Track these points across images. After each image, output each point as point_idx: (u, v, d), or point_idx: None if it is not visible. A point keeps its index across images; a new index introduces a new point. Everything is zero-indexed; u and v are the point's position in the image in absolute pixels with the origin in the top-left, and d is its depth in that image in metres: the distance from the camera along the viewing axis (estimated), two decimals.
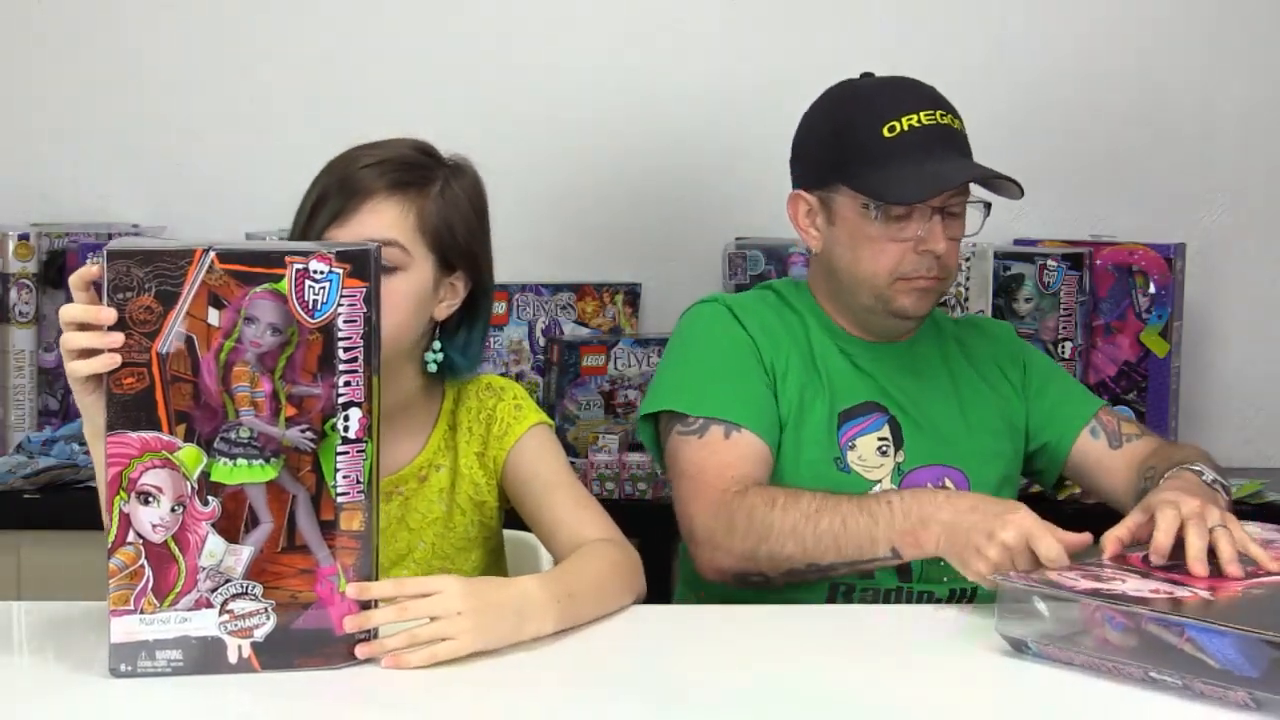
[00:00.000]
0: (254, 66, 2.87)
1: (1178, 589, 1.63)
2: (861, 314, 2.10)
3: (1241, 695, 1.47)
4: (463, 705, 1.53)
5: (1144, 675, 1.54)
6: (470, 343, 1.95)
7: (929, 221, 2.02)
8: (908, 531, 1.84)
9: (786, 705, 1.53)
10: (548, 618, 1.66)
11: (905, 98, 2.04)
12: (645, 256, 2.94)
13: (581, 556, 1.81)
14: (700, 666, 1.65)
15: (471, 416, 1.96)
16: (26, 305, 2.63)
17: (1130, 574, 1.68)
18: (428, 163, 1.91)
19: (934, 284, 2.05)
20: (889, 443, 2.07)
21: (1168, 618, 1.54)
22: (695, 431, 2.01)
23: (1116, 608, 1.58)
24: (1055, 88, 2.95)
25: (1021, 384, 2.18)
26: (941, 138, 2.03)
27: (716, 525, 1.94)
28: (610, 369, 2.72)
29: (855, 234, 2.05)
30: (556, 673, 1.61)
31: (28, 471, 2.45)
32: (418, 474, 1.93)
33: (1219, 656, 1.49)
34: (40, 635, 1.68)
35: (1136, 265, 2.77)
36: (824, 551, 1.88)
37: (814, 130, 2.11)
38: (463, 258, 1.91)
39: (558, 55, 2.90)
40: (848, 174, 2.04)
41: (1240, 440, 3.00)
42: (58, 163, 2.85)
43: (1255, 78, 2.99)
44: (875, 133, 2.02)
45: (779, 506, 1.90)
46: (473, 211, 1.93)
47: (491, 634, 1.60)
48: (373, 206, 1.85)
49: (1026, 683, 1.60)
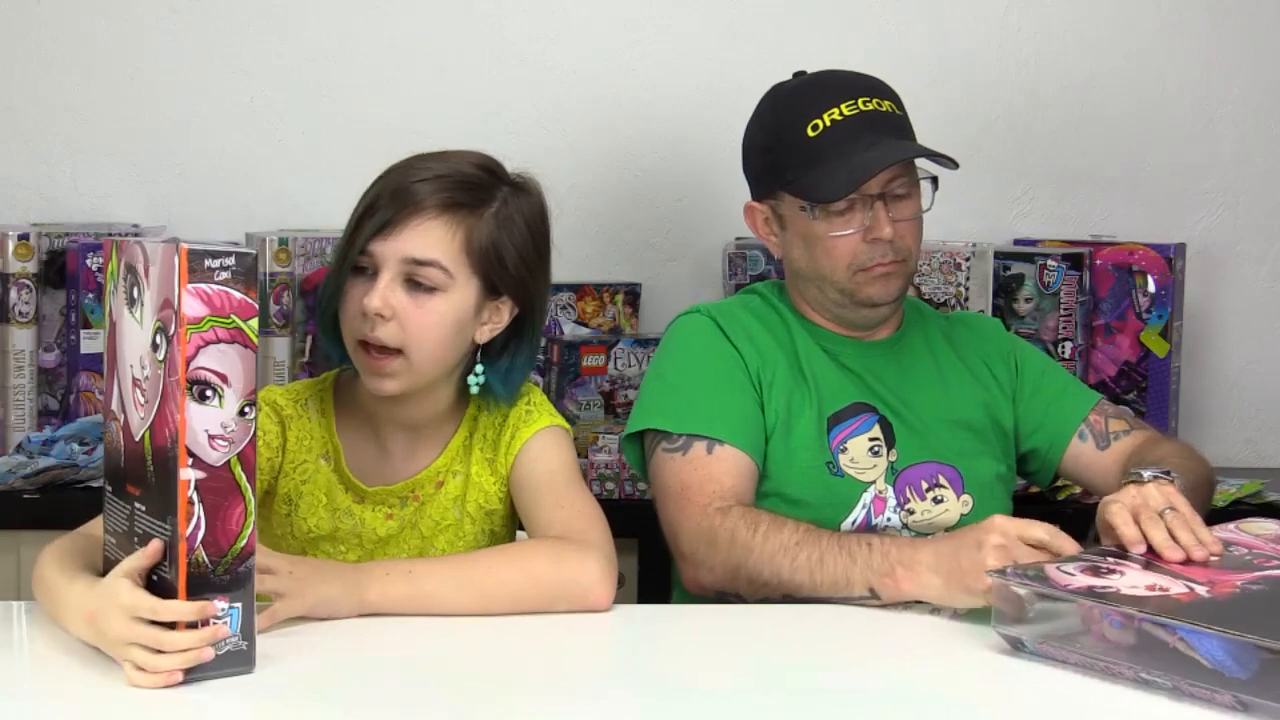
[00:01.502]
0: (254, 66, 2.87)
1: (1175, 584, 1.63)
2: (835, 309, 2.10)
3: (1228, 698, 1.47)
4: (454, 703, 1.53)
5: (1135, 676, 1.54)
6: (513, 369, 1.93)
7: (871, 210, 2.02)
8: (887, 573, 1.81)
9: (785, 704, 1.53)
10: (389, 586, 1.70)
11: (826, 92, 2.04)
12: (645, 256, 2.94)
13: (502, 551, 1.84)
14: (696, 665, 1.65)
15: (487, 423, 1.95)
16: (26, 305, 2.62)
17: (1131, 565, 1.68)
18: (487, 181, 1.88)
19: (894, 268, 2.05)
20: (880, 443, 2.07)
21: (1159, 619, 1.54)
22: (679, 449, 2.01)
23: (1107, 607, 1.58)
24: (1055, 87, 2.95)
25: (1011, 385, 2.18)
26: (867, 125, 2.02)
27: (699, 541, 1.94)
28: (610, 369, 2.72)
29: (805, 236, 2.06)
30: (545, 669, 1.61)
31: (28, 471, 2.45)
32: (434, 480, 1.93)
33: (1209, 658, 1.49)
34: (40, 635, 1.68)
35: (1136, 265, 2.77)
36: (799, 584, 1.86)
37: (752, 141, 2.13)
38: (511, 283, 1.88)
39: (558, 55, 2.90)
40: (784, 179, 2.05)
41: (1240, 440, 3.00)
42: (58, 163, 2.85)
43: (1255, 78, 2.98)
44: (800, 134, 2.03)
45: (760, 533, 1.90)
46: (529, 236, 1.89)
47: (323, 590, 1.67)
48: (419, 223, 1.83)
49: (1022, 682, 1.60)
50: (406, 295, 1.83)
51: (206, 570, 1.46)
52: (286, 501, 1.91)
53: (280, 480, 1.91)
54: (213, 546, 1.46)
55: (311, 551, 1.91)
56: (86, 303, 2.62)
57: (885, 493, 2.06)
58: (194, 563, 1.46)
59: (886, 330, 2.15)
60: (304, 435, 1.92)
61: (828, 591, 1.85)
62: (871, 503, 2.05)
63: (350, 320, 1.85)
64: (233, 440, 1.45)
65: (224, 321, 1.44)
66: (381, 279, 1.82)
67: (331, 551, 1.91)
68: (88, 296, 2.62)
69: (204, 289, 1.43)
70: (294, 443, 1.91)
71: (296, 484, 1.91)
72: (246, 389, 1.46)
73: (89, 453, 2.52)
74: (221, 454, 1.45)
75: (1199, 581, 1.63)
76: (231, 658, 1.50)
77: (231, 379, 1.45)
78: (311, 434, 1.92)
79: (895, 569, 1.81)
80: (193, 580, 1.46)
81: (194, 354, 1.43)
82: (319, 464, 1.92)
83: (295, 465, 1.91)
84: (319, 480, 1.91)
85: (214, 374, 1.44)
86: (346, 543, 1.92)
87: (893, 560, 1.81)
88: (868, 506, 2.05)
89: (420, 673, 1.58)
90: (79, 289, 2.63)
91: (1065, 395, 2.19)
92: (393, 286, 1.82)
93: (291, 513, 1.91)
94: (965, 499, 2.09)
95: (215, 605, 1.47)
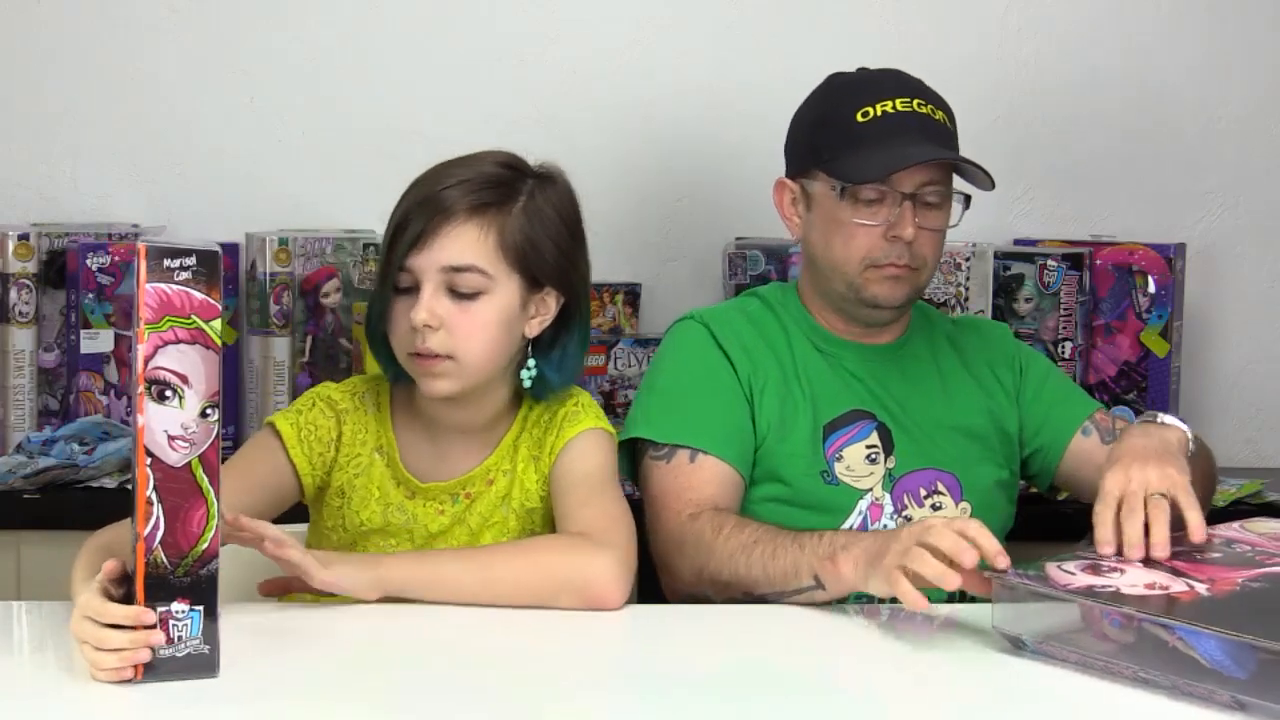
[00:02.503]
0: (254, 66, 2.87)
1: (1175, 582, 1.63)
2: (839, 303, 2.10)
3: (1226, 697, 1.48)
4: (447, 702, 1.53)
5: (1135, 675, 1.54)
6: (565, 357, 1.94)
7: (899, 207, 2.02)
8: (828, 557, 1.80)
9: (783, 703, 1.53)
10: (404, 567, 1.77)
11: (886, 86, 2.06)
12: (645, 256, 2.93)
13: (519, 543, 1.88)
14: (696, 665, 1.65)
15: (535, 422, 1.96)
16: (26, 305, 2.62)
17: (1131, 564, 1.68)
18: (511, 178, 1.89)
19: (906, 273, 2.05)
20: (878, 450, 2.07)
21: (1158, 620, 1.54)
22: (663, 457, 2.01)
23: (1105, 607, 1.58)
24: (1055, 87, 2.95)
25: (1015, 388, 2.18)
26: (916, 125, 2.03)
27: (669, 548, 1.96)
28: (610, 369, 2.71)
29: (828, 219, 2.06)
30: (542, 665, 1.62)
31: (28, 471, 2.45)
32: (485, 477, 1.94)
33: (1208, 657, 1.50)
34: (40, 635, 1.68)
35: (1136, 265, 2.77)
36: (755, 580, 1.86)
37: (800, 119, 2.14)
38: (551, 273, 1.89)
39: (558, 55, 2.90)
40: (822, 159, 2.05)
41: (1240, 440, 2.99)
42: (58, 163, 2.85)
43: (1255, 78, 2.98)
44: (849, 118, 2.03)
45: (723, 535, 1.90)
46: (561, 224, 1.91)
47: (341, 566, 1.74)
48: (451, 230, 1.84)
49: (1022, 681, 1.60)
50: (451, 303, 1.84)
51: (166, 571, 1.46)
52: (340, 494, 1.93)
53: (334, 473, 1.93)
54: (172, 548, 1.46)
55: (362, 544, 1.93)
56: (86, 303, 2.62)
57: (882, 500, 2.06)
58: (152, 563, 1.46)
59: (891, 335, 2.15)
60: (359, 429, 1.94)
61: (780, 584, 1.84)
62: (868, 510, 2.05)
63: (400, 339, 1.88)
64: (194, 442, 1.45)
65: (184, 322, 1.44)
66: (425, 291, 1.84)
67: (382, 545, 1.92)
68: (88, 296, 2.62)
69: (163, 289, 1.43)
70: (349, 436, 1.93)
71: (350, 477, 1.93)
72: (209, 390, 1.45)
73: (89, 453, 2.51)
74: (182, 455, 1.45)
75: (1199, 579, 1.63)
76: (192, 661, 1.49)
77: (193, 380, 1.45)
78: (367, 427, 1.95)
79: (836, 553, 1.80)
80: (151, 581, 1.46)
81: (152, 353, 1.42)
82: (373, 457, 1.93)
83: (350, 458, 1.93)
84: (373, 474, 1.93)
85: (173, 374, 1.44)
86: (398, 536, 1.93)
87: (836, 545, 1.81)
88: (864, 514, 2.05)
89: (407, 671, 1.58)
90: (79, 289, 2.63)
91: (1070, 399, 2.19)
92: (437, 297, 1.84)
93: (344, 505, 1.93)
94: (964, 505, 2.08)
95: (149, 613, 1.46)
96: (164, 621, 1.48)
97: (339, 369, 2.73)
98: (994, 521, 2.06)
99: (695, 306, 2.24)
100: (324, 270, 2.73)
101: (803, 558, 1.83)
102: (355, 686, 1.55)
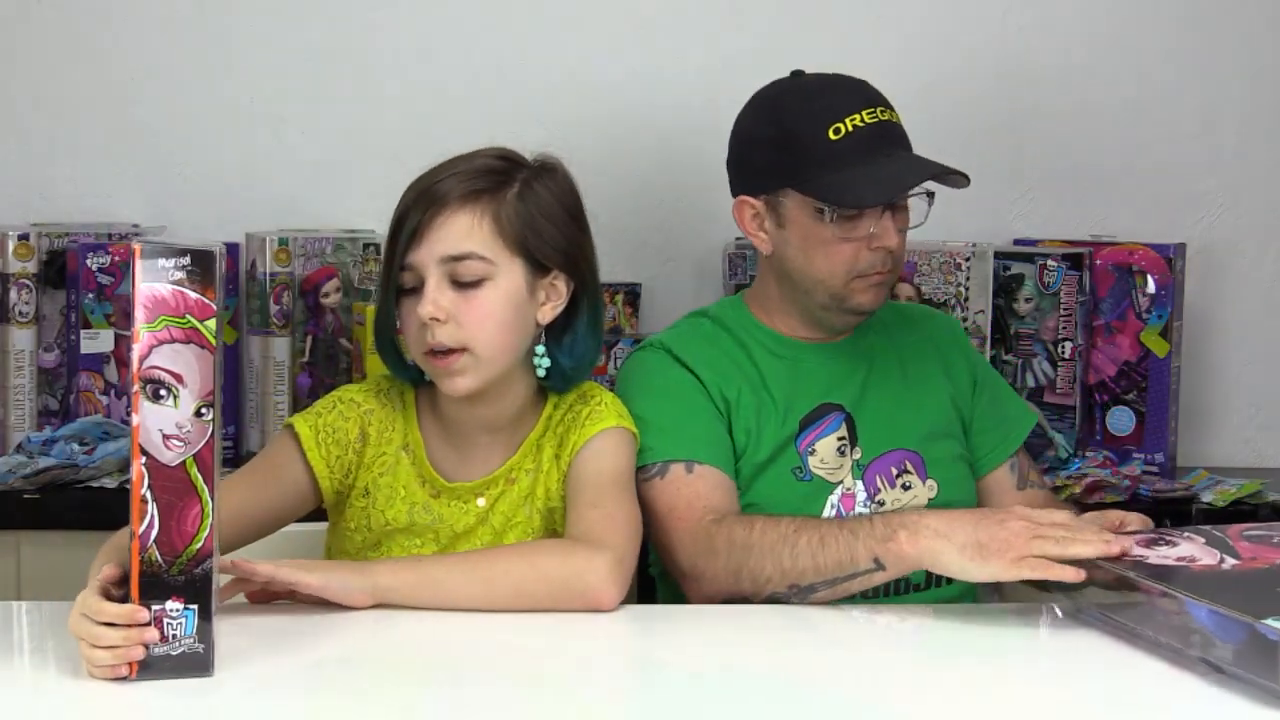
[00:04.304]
0: (253, 67, 2.87)
1: (1208, 556, 1.66)
2: (816, 313, 2.11)
3: (1210, 663, 1.53)
4: (446, 702, 1.53)
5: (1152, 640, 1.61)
6: (576, 342, 1.94)
7: (880, 219, 2.03)
8: (889, 538, 1.81)
9: (783, 703, 1.53)
10: (399, 573, 1.75)
11: (843, 97, 2.05)
12: (645, 256, 2.93)
13: (514, 546, 1.86)
14: (697, 665, 1.65)
15: (559, 420, 1.95)
16: (26, 305, 2.63)
17: (1193, 538, 1.73)
18: (504, 167, 1.90)
19: (887, 277, 2.08)
20: (847, 441, 2.08)
21: (1160, 586, 1.60)
22: (656, 475, 2.00)
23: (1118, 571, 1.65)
24: (1055, 88, 2.95)
25: (970, 384, 2.20)
26: (884, 135, 2.04)
27: (698, 554, 1.93)
28: (610, 369, 2.71)
29: (807, 237, 2.06)
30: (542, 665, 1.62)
31: (28, 471, 2.45)
32: (507, 476, 1.94)
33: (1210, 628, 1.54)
34: (40, 635, 1.68)
35: (1136, 265, 2.77)
36: (803, 571, 1.85)
37: (754, 136, 2.11)
38: (555, 257, 1.89)
39: (557, 55, 2.90)
40: (797, 179, 2.05)
41: (1240, 440, 3.00)
42: (58, 163, 2.85)
43: (1255, 78, 2.98)
44: (820, 136, 2.02)
45: (757, 529, 1.90)
46: (561, 209, 1.91)
47: (335, 572, 1.73)
48: (445, 219, 1.84)
49: (1026, 680, 1.60)
50: (456, 293, 1.84)
51: (160, 570, 1.46)
52: (364, 494, 1.93)
53: (359, 474, 1.93)
54: (167, 546, 1.46)
55: (387, 544, 1.92)
56: (86, 303, 2.62)
57: (853, 488, 2.07)
58: (147, 561, 1.46)
59: (848, 330, 2.16)
60: (386, 426, 1.94)
61: (833, 572, 1.84)
62: (840, 501, 2.07)
63: (412, 339, 1.88)
64: (188, 441, 1.46)
65: (178, 321, 1.44)
66: (428, 285, 1.84)
67: (407, 545, 1.92)
68: (88, 296, 2.62)
69: (158, 288, 1.43)
70: (376, 434, 1.94)
71: (375, 476, 1.93)
72: (204, 390, 1.45)
73: (89, 453, 2.52)
74: (176, 454, 1.46)
75: (1243, 557, 1.65)
76: (187, 660, 1.49)
77: (187, 379, 1.45)
78: (394, 425, 1.95)
79: (898, 533, 1.80)
80: (145, 579, 1.46)
81: (147, 352, 1.43)
82: (400, 455, 1.93)
83: (376, 456, 1.93)
84: (399, 472, 1.93)
85: (168, 373, 1.44)
86: (423, 536, 1.92)
87: (894, 525, 1.81)
88: (836, 506, 2.06)
89: (403, 670, 1.58)
90: (79, 289, 2.63)
91: (1008, 421, 2.22)
92: (440, 289, 1.84)
93: (370, 505, 1.93)
94: (930, 483, 2.11)
95: (143, 612, 1.47)
96: (158, 620, 1.48)
97: (339, 369, 2.73)
98: (960, 498, 2.11)
99: (695, 306, 2.25)
100: (324, 270, 2.73)
101: (857, 543, 1.83)
102: (352, 686, 1.55)
